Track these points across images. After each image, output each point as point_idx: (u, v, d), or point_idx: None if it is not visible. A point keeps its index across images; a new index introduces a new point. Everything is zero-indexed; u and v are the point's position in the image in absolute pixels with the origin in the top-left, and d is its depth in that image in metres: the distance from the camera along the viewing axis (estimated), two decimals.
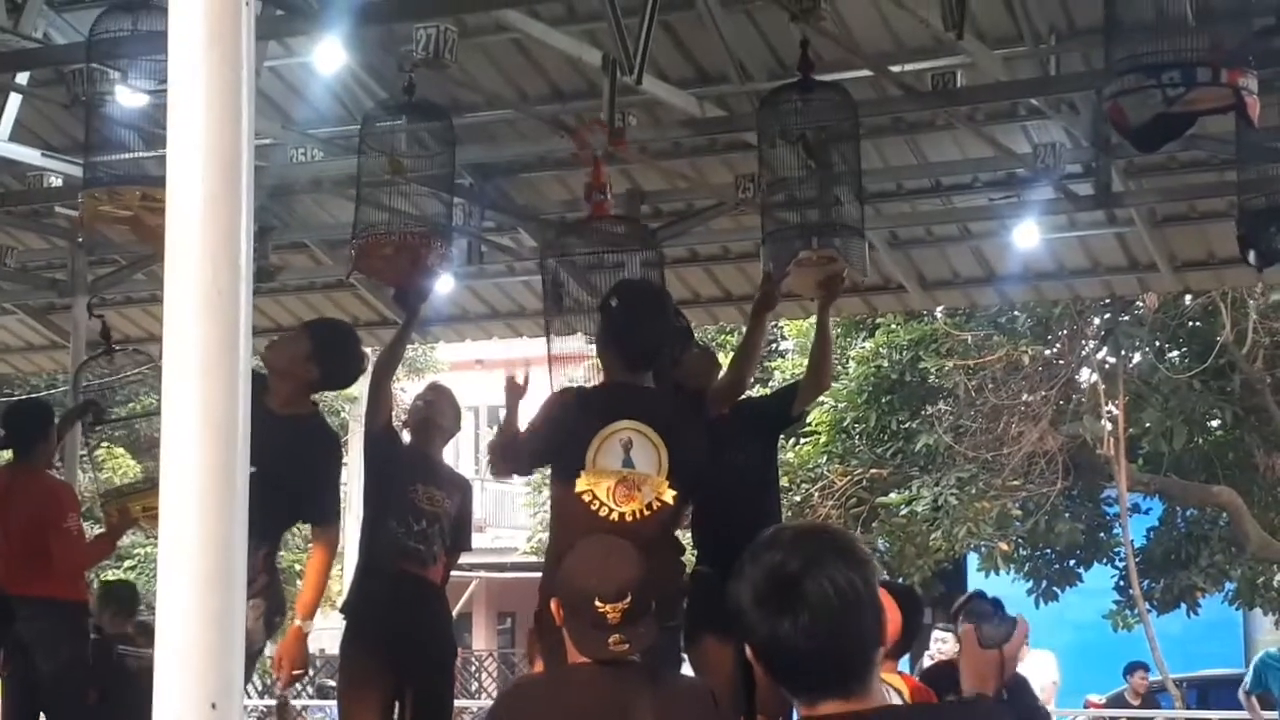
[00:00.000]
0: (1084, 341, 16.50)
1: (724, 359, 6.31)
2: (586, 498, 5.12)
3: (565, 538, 5.21)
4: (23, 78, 8.23)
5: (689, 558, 5.87)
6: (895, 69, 7.67)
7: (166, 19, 2.14)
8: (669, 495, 5.16)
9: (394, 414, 6.74)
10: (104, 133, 6.01)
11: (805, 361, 17.79)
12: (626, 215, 6.10)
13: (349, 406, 22.81)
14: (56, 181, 8.90)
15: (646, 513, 5.11)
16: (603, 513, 5.10)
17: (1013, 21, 7.72)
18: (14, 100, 8.36)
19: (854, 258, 6.24)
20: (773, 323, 17.44)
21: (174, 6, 2.12)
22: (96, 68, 6.08)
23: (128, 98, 6.02)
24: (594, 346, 5.51)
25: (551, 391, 5.46)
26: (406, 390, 24.31)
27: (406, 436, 6.66)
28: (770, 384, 18.48)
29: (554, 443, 5.32)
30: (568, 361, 5.73)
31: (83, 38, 6.53)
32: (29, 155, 8.70)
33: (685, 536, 6.11)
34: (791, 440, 16.32)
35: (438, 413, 6.58)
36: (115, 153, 5.91)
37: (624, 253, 5.81)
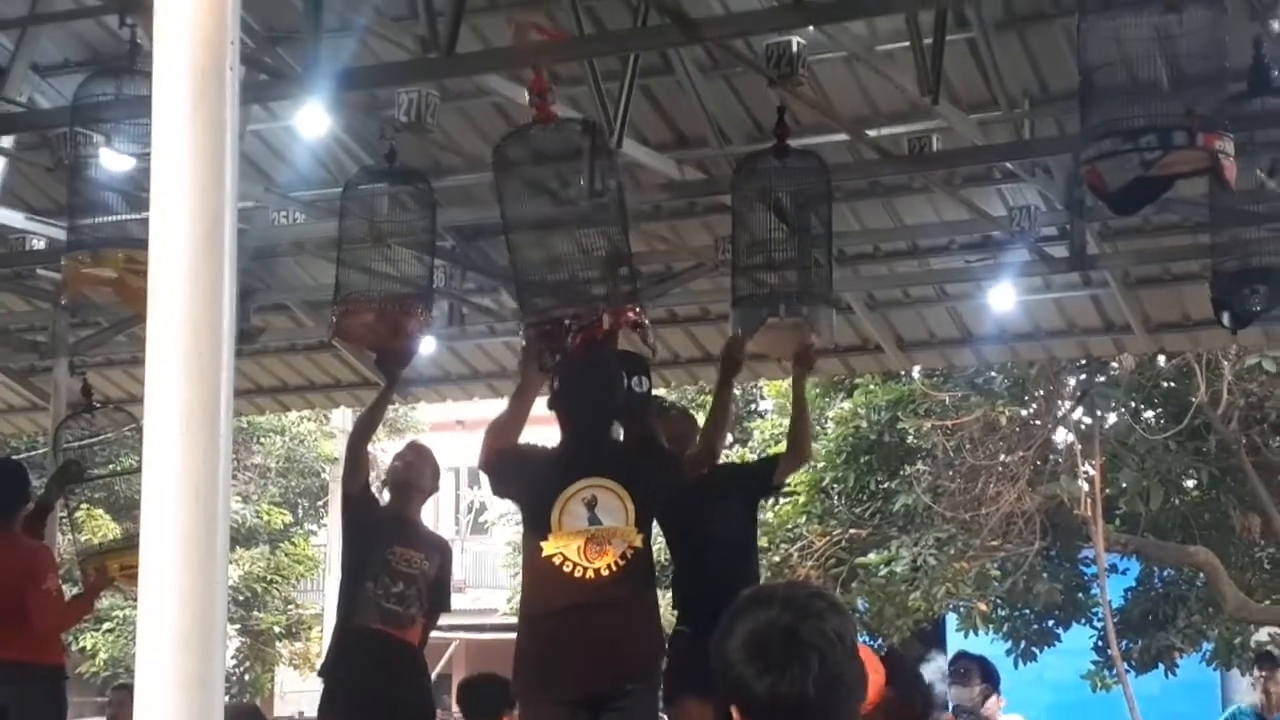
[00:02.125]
0: (1060, 402, 16.52)
1: (699, 419, 6.36)
2: (557, 560, 5.10)
3: (539, 601, 5.19)
4: (7, 141, 8.25)
5: (667, 617, 5.85)
6: (872, 133, 7.72)
7: (150, 84, 2.15)
8: (639, 540, 5.15)
9: (373, 475, 6.72)
10: (87, 196, 6.02)
11: (784, 422, 17.80)
12: (571, 117, 6.01)
13: (329, 468, 22.76)
14: (40, 244, 8.90)
15: (621, 563, 5.11)
16: (576, 573, 5.09)
17: (987, 87, 7.79)
18: None
19: (821, 325, 6.27)
20: (750, 383, 17.48)
21: (158, 71, 2.13)
22: (81, 131, 6.09)
23: (111, 161, 6.03)
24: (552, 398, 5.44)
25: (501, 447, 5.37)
26: (386, 450, 24.29)
27: (386, 497, 6.64)
28: (750, 444, 18.49)
29: (516, 493, 5.33)
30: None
31: (67, 102, 6.55)
32: (12, 218, 8.70)
33: (664, 596, 6.09)
34: (771, 500, 16.29)
35: (416, 473, 6.57)
36: (99, 216, 5.91)
37: (575, 157, 5.61)
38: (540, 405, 5.42)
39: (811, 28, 6.30)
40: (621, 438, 5.64)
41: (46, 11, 7.21)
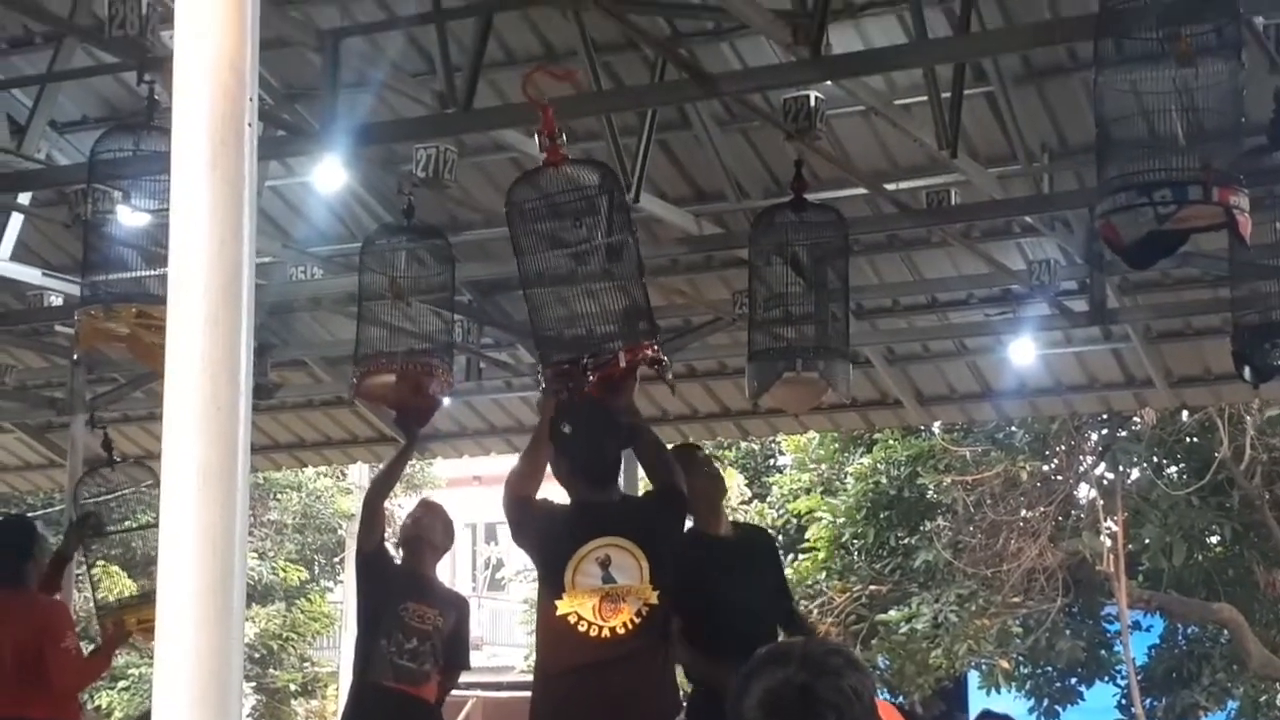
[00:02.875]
0: (1082, 457, 16.48)
1: (725, 473, 6.31)
2: (572, 619, 5.08)
3: (555, 660, 5.18)
4: (24, 198, 8.30)
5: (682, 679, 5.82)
6: (890, 187, 7.74)
7: (169, 140, 2.17)
8: (655, 597, 5.13)
9: (388, 532, 6.72)
10: (104, 251, 6.04)
11: (804, 476, 17.75)
12: (585, 159, 6.01)
13: (345, 524, 22.74)
14: (56, 300, 8.94)
15: (637, 620, 5.09)
16: (592, 633, 5.07)
17: (1006, 140, 7.80)
18: (15, 220, 8.42)
19: (838, 380, 6.26)
20: (768, 438, 17.45)
21: (177, 127, 2.15)
22: (98, 187, 6.13)
23: (129, 217, 6.06)
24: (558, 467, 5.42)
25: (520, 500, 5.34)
26: (403, 506, 24.25)
27: (399, 554, 6.64)
28: (769, 499, 18.45)
29: (531, 540, 5.31)
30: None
31: (84, 158, 6.59)
32: (29, 274, 8.74)
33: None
34: (790, 556, 16.25)
35: (427, 529, 6.58)
36: (114, 271, 5.94)
37: (588, 198, 5.64)
38: None
39: (829, 82, 6.33)
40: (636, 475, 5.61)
41: (65, 68, 7.26)
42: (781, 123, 6.46)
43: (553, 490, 5.44)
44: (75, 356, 9.75)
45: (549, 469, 5.37)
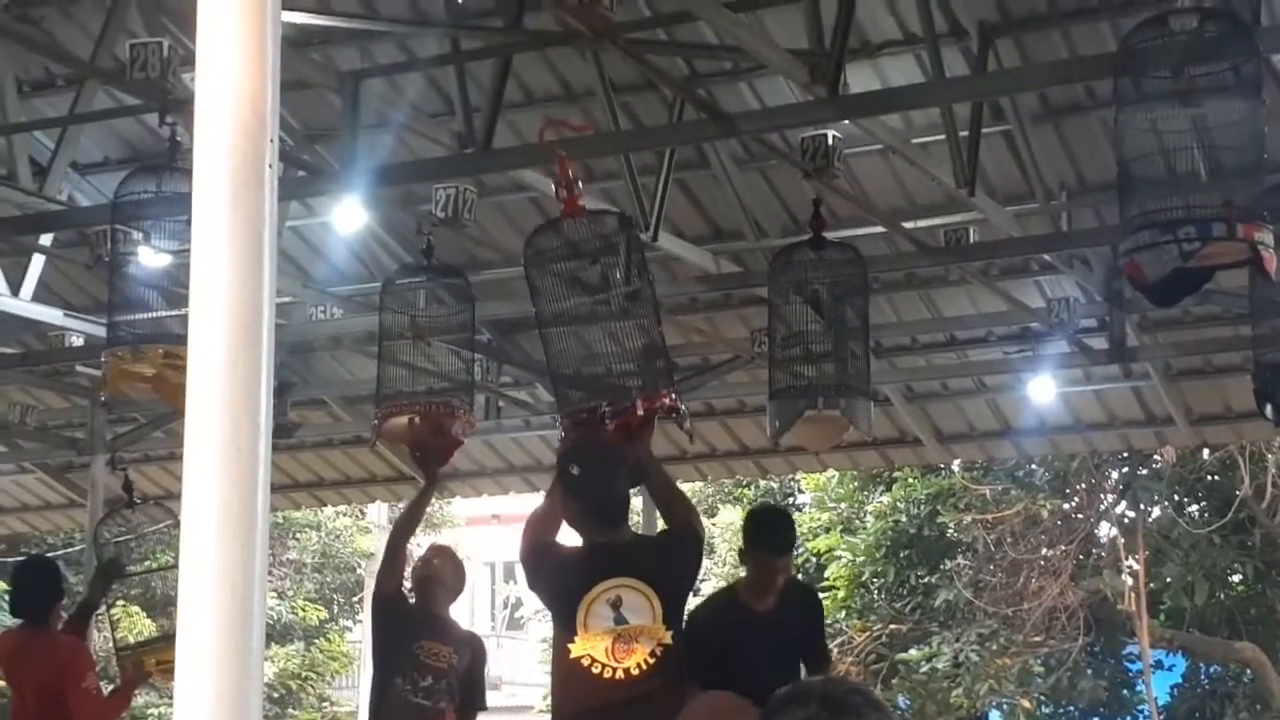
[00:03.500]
0: (1102, 495, 16.41)
1: (741, 512, 6.27)
2: (585, 662, 5.07)
3: (570, 702, 5.16)
4: (46, 239, 8.34)
5: None
6: (909, 225, 7.74)
7: (190, 181, 2.17)
8: (668, 637, 5.11)
9: (406, 572, 6.73)
10: (126, 293, 6.06)
11: (824, 516, 17.69)
12: (603, 209, 6.02)
13: (364, 563, 22.74)
14: (77, 340, 8.97)
15: (651, 660, 5.07)
16: (605, 674, 5.05)
17: (1024, 178, 7.80)
18: (37, 261, 8.46)
19: (859, 418, 6.25)
20: (788, 476, 17.41)
21: (199, 169, 2.15)
22: (120, 229, 6.15)
23: (150, 258, 6.08)
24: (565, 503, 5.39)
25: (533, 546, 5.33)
26: (421, 545, 24.19)
27: (412, 596, 6.65)
28: None
29: (543, 585, 5.30)
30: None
31: (106, 199, 6.62)
32: (51, 315, 8.78)
33: None
34: None
35: (438, 570, 6.59)
36: (138, 312, 5.96)
37: (607, 250, 5.63)
38: None
39: (847, 121, 6.34)
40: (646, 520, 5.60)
41: (87, 110, 7.31)
42: (799, 162, 6.47)
43: (570, 535, 5.43)
44: (102, 398, 9.77)
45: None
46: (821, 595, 16.46)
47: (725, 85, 7.32)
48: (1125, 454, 14.67)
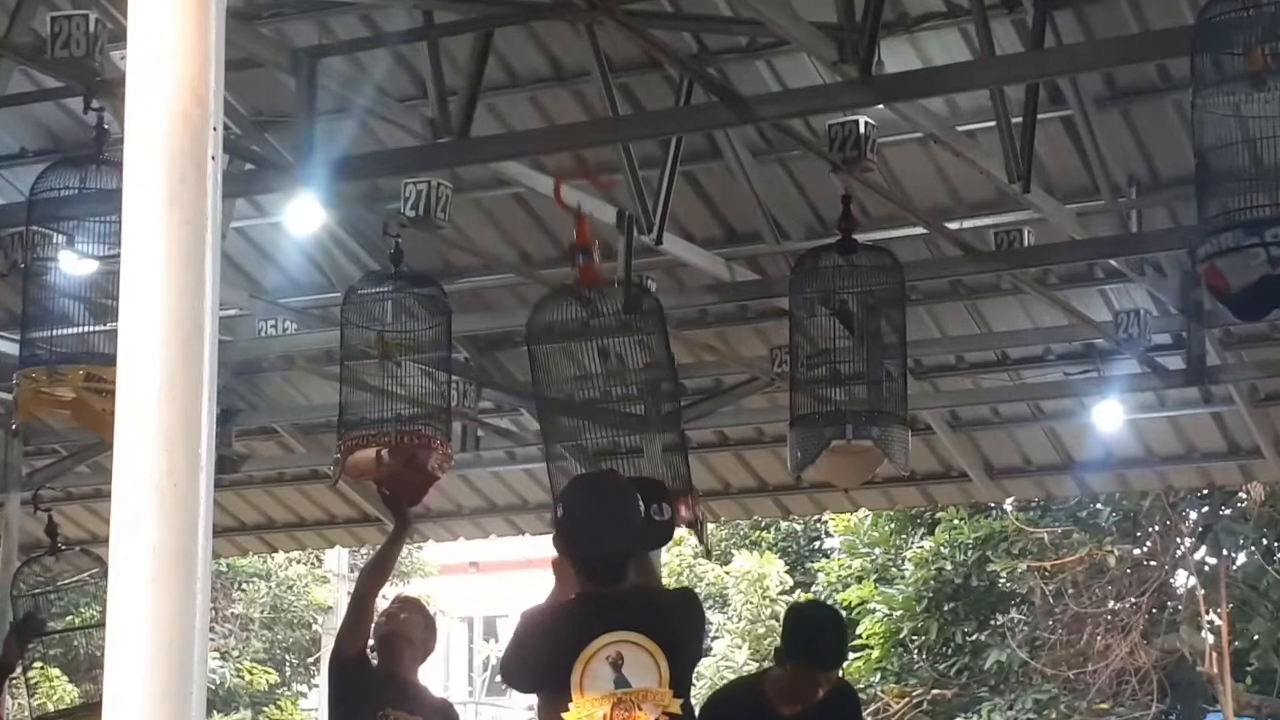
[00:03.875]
0: (1179, 540, 16.41)
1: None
2: None
3: None
4: None
5: None
6: (953, 225, 7.75)
7: (120, 175, 2.18)
8: (677, 705, 5.10)
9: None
10: (44, 304, 6.06)
11: (854, 563, 17.69)
12: (620, 279, 6.05)
13: (321, 618, 22.74)
14: None
15: None
16: None
17: (1087, 172, 7.81)
18: None
19: (895, 449, 6.25)
20: (814, 517, 17.42)
21: (130, 161, 2.16)
22: (39, 230, 6.16)
23: (73, 265, 6.09)
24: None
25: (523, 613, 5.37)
26: (386, 597, 24.13)
27: (375, 655, 6.64)
28: (813, 588, 18.39)
29: (534, 670, 5.28)
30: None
31: (21, 196, 6.63)
32: None
33: None
34: None
35: (406, 625, 6.56)
36: (58, 327, 5.96)
37: (625, 329, 5.66)
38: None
39: (881, 105, 6.35)
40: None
41: (1, 94, 7.33)
42: (826, 153, 6.48)
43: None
44: (14, 426, 9.77)
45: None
46: (852, 656, 16.57)
47: (740, 64, 7.34)
48: (1205, 491, 14.67)
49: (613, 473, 5.36)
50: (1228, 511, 15.87)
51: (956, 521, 16.41)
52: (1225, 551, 15.93)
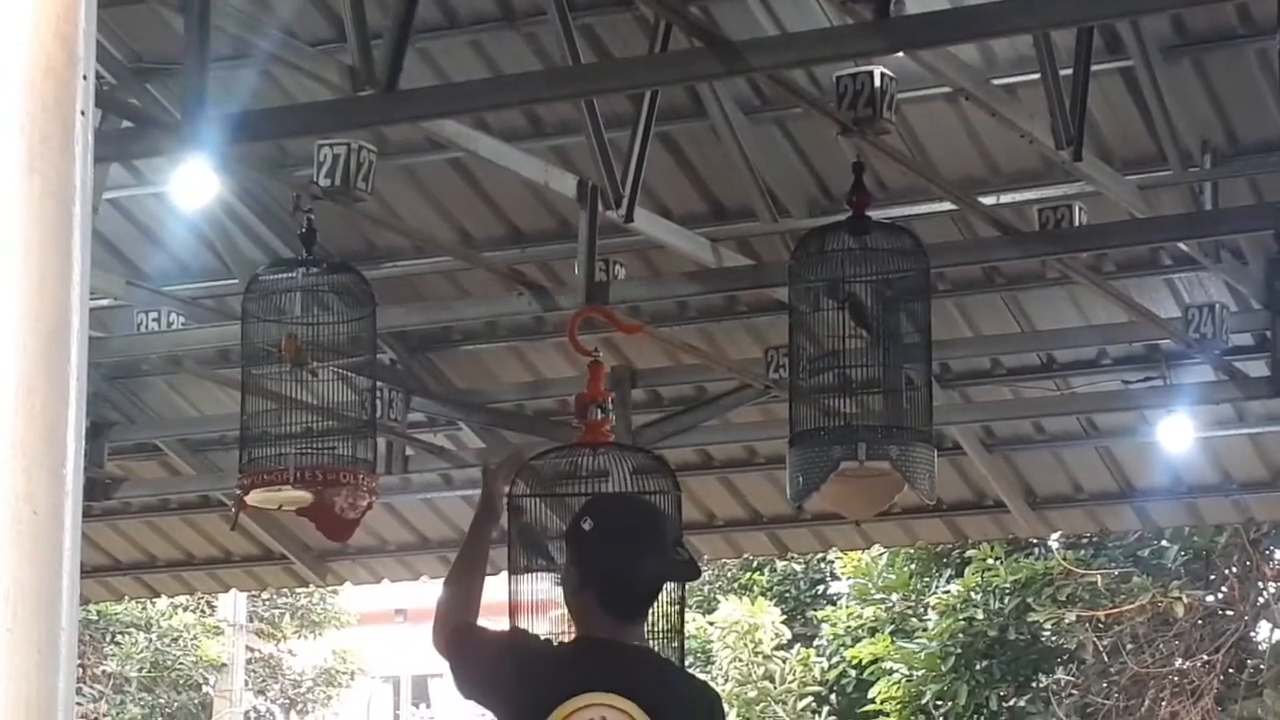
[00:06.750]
0: (1261, 584, 16.47)
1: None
2: None
3: None
4: None
5: None
6: (988, 200, 7.77)
7: None
8: None
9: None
10: None
11: (864, 612, 17.75)
12: (636, 446, 6.09)
13: (213, 678, 22.71)
14: None
15: None
16: None
17: (1151, 137, 7.84)
18: None
19: (917, 473, 6.27)
20: (817, 556, 17.42)
21: None
22: None
23: None
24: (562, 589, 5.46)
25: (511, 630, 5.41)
26: (295, 652, 24.14)
27: None
28: (816, 642, 18.41)
29: (498, 693, 5.28)
30: (537, 611, 5.70)
31: None
32: None
33: None
34: None
35: None
36: None
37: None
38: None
39: (901, 54, 6.36)
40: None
41: None
42: (835, 111, 6.49)
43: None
44: None
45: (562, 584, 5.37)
46: None
47: (729, 2, 7.35)
48: None
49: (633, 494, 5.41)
50: None
51: (991, 561, 16.43)
52: None
